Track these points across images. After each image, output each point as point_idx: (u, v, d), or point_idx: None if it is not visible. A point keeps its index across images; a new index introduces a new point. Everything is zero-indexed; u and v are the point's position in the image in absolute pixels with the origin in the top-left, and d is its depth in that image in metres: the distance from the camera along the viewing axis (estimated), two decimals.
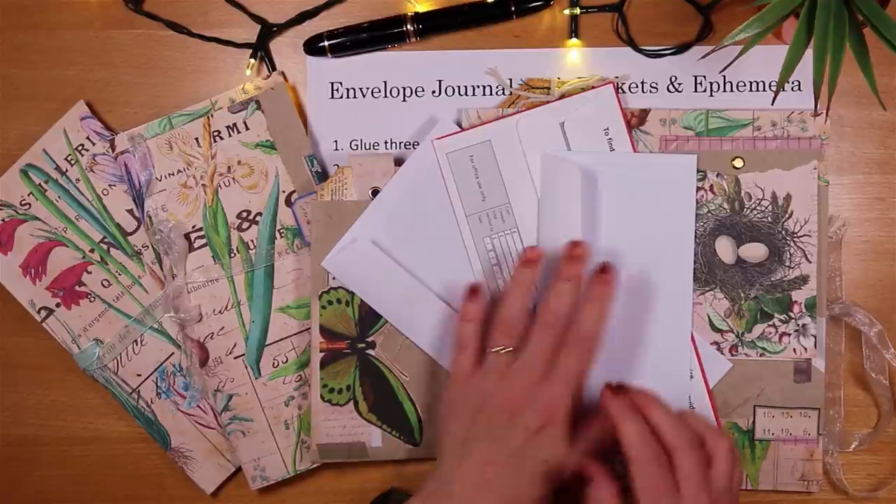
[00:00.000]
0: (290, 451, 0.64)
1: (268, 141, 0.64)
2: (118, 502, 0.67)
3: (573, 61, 0.64)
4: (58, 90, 0.66)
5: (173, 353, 0.66)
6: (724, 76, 0.64)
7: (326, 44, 0.64)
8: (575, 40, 0.64)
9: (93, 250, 0.65)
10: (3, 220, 0.65)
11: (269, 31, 0.66)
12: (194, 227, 0.64)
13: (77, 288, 0.65)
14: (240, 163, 0.64)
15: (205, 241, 0.64)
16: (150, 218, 0.64)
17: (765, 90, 0.64)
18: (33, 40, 0.67)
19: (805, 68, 0.52)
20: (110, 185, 0.66)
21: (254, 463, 0.64)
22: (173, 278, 0.64)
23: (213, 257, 0.64)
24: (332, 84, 0.66)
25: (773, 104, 0.56)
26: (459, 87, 0.65)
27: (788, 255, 0.62)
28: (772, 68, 0.62)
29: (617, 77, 0.64)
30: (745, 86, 0.64)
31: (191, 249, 0.64)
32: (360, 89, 0.65)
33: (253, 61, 0.66)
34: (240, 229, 0.64)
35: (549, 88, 0.64)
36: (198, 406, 0.66)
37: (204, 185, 0.64)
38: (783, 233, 0.62)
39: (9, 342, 0.67)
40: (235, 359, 0.64)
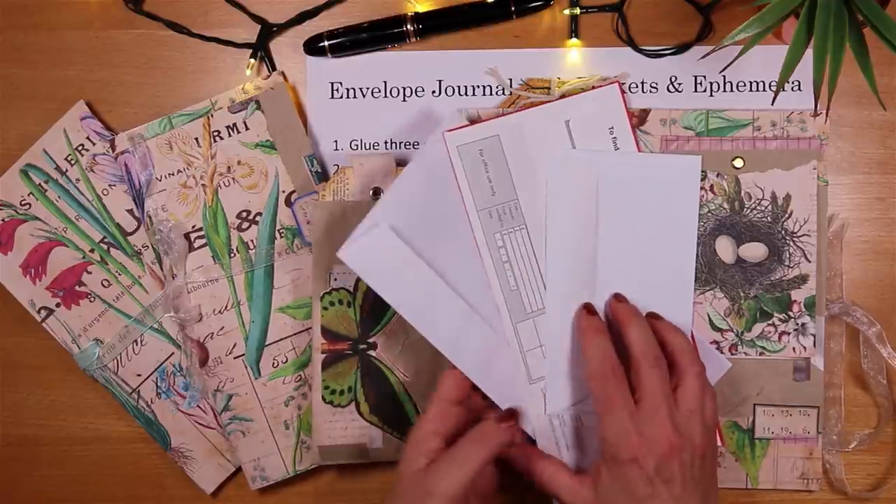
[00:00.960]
0: (290, 452, 0.64)
1: (268, 141, 0.64)
2: (118, 502, 0.67)
3: (573, 61, 0.64)
4: (58, 90, 0.66)
5: (173, 353, 0.65)
6: (724, 76, 0.64)
7: (326, 44, 0.64)
8: (575, 40, 0.64)
9: (93, 250, 0.65)
10: (3, 220, 0.65)
11: (269, 31, 0.66)
12: (194, 227, 0.64)
13: (77, 288, 0.65)
14: (240, 163, 0.64)
15: (205, 241, 0.64)
16: (150, 218, 0.64)
17: (765, 90, 0.64)
18: (33, 40, 0.67)
19: (805, 68, 0.52)
20: (110, 185, 0.66)
21: (254, 463, 0.64)
22: (173, 278, 0.64)
23: (212, 257, 0.64)
24: (332, 84, 0.66)
25: (773, 104, 0.56)
26: (459, 87, 0.65)
27: (788, 255, 0.62)
28: (772, 68, 0.63)
29: (617, 77, 0.64)
30: (745, 86, 0.64)
31: (191, 249, 0.64)
32: (360, 89, 0.65)
33: (253, 61, 0.66)
34: (240, 229, 0.64)
35: (549, 88, 0.64)
36: (198, 406, 0.66)
37: (204, 185, 0.64)
38: (783, 232, 0.62)
39: (9, 342, 0.67)
40: (235, 359, 0.64)
